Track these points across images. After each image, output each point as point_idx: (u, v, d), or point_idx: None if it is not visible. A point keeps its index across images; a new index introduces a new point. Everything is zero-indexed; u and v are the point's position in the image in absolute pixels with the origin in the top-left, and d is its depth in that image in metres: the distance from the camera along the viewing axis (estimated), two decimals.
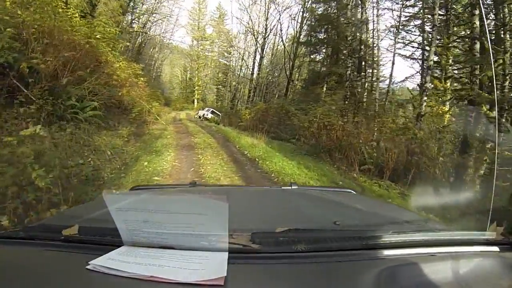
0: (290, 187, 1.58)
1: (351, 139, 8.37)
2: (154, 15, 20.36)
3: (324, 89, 13.43)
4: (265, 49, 20.22)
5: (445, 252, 0.70)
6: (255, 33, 20.31)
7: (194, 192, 1.28)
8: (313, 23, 16.09)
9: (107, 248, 0.64)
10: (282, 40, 19.50)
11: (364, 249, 0.68)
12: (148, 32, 20.73)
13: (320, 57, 16.22)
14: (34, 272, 0.61)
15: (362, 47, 13.23)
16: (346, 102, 12.34)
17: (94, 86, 6.27)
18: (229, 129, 13.42)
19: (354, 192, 1.57)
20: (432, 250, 0.70)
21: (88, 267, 0.58)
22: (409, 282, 0.58)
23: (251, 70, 21.10)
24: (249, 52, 22.10)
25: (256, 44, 20.56)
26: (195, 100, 26.16)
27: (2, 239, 0.77)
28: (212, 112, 19.52)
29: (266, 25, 19.85)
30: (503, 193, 4.23)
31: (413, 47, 12.12)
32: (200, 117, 19.78)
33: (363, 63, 13.16)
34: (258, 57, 20.67)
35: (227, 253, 0.61)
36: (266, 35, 20.01)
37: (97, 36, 7.53)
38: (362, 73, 13.11)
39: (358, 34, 13.27)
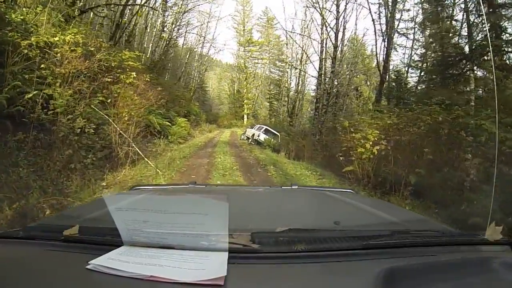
0: (290, 187, 1.58)
1: None
2: (185, 13, 16.87)
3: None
4: (338, 36, 13.14)
5: (445, 252, 0.70)
6: (323, 11, 13.65)
7: (194, 192, 1.28)
8: None
9: (107, 248, 0.64)
10: (370, 12, 12.55)
11: (364, 249, 0.67)
12: (176, 28, 17.07)
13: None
14: (34, 272, 0.61)
15: None
16: None
17: None
18: (311, 175, 6.66)
19: (354, 192, 1.57)
20: (432, 250, 0.70)
21: (88, 267, 0.58)
22: (409, 282, 0.58)
23: (317, 69, 14.35)
24: (312, 41, 16.03)
25: (323, 26, 13.77)
26: (245, 116, 22.39)
27: (2, 239, 0.77)
28: (267, 132, 13.09)
29: None
30: None
31: None
32: (248, 138, 13.75)
33: None
34: (325, 46, 13.90)
35: (227, 253, 0.61)
36: (339, 15, 13.03)
37: None
38: None
39: None
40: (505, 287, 0.59)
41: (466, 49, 8.84)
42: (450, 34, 9.36)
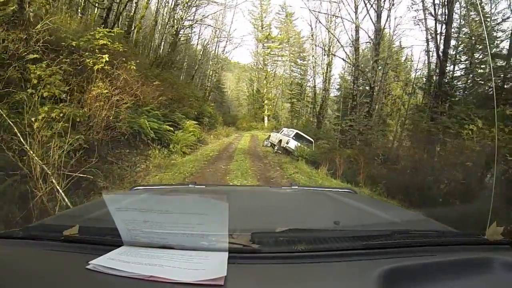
0: (290, 187, 1.58)
1: None
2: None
3: None
4: (382, 16, 10.53)
5: (445, 252, 0.70)
6: None
7: (194, 192, 1.28)
8: None
9: (107, 248, 0.64)
10: None
11: (364, 249, 0.68)
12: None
13: None
14: (34, 272, 0.61)
15: None
16: None
17: None
18: None
19: (354, 192, 1.57)
20: (432, 250, 0.70)
21: (88, 267, 0.58)
22: (409, 282, 0.58)
23: (352, 60, 11.70)
24: (344, 24, 13.40)
25: (358, 5, 11.26)
26: (265, 118, 20.56)
27: (2, 239, 0.77)
28: (298, 137, 10.34)
29: None
30: None
31: None
32: (273, 145, 11.25)
33: None
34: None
35: (227, 253, 0.61)
36: None
37: None
38: None
39: None
40: (505, 287, 0.59)
41: None
42: None
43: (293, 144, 9.86)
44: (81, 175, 3.49)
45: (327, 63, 16.33)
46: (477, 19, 9.74)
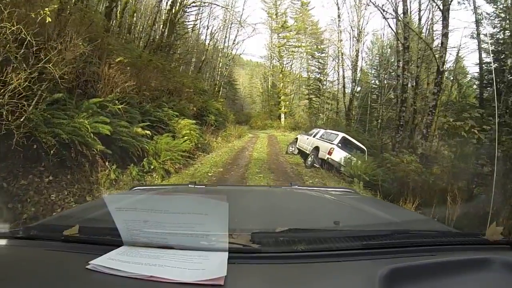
0: (290, 187, 1.58)
1: None
2: None
3: None
4: None
5: (445, 252, 0.70)
6: None
7: (194, 192, 1.28)
8: None
9: (107, 248, 0.64)
10: None
11: (364, 249, 0.68)
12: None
13: None
14: (34, 272, 0.61)
15: None
16: None
17: None
18: None
19: (354, 192, 1.57)
20: (432, 250, 0.70)
21: (88, 267, 0.58)
22: (409, 282, 0.58)
23: (401, 40, 9.13)
24: None
25: None
26: (282, 115, 18.54)
27: (2, 239, 0.77)
28: (344, 143, 7.06)
29: None
30: None
31: None
32: (303, 153, 8.10)
33: None
34: None
35: (227, 253, 0.61)
36: None
37: None
38: None
39: None
40: (505, 287, 0.59)
41: None
42: None
43: (338, 155, 6.51)
44: None
45: (357, 50, 13.51)
46: None
